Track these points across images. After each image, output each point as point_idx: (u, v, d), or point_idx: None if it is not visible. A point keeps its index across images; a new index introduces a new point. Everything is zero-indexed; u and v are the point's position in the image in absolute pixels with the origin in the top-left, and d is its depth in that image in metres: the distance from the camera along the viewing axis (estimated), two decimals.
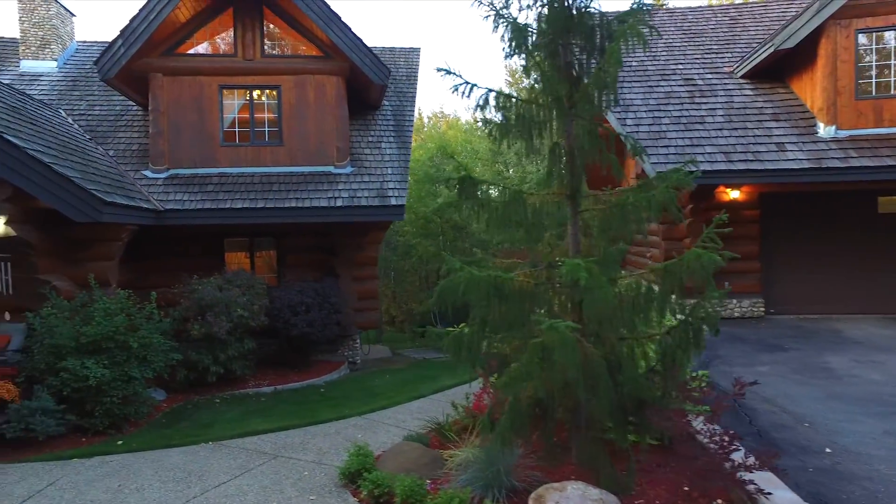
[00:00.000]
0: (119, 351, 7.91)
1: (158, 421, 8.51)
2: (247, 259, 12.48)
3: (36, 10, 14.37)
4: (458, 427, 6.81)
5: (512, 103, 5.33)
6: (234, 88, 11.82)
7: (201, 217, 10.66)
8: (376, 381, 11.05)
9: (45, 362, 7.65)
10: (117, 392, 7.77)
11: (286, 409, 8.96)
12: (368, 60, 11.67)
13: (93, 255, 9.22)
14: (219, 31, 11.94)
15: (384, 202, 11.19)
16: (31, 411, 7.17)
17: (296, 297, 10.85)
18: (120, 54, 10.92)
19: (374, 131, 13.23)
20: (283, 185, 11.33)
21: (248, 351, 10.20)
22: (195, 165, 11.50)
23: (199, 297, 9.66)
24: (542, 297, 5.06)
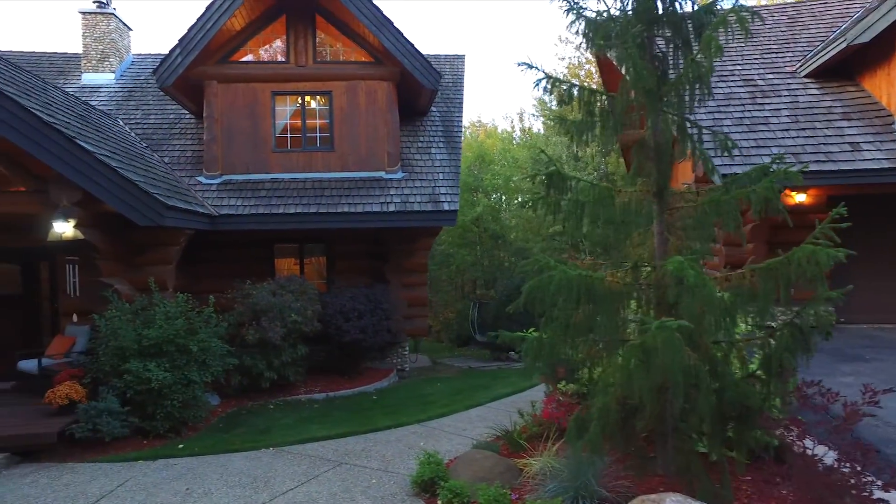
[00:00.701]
0: (179, 354, 7.90)
1: (215, 426, 8.46)
2: (296, 265, 12.47)
3: (97, 26, 14.77)
4: (526, 435, 6.59)
5: (597, 98, 5.12)
6: (287, 94, 11.87)
7: (254, 222, 10.67)
8: (428, 388, 10.87)
9: (109, 364, 7.68)
10: (178, 395, 7.75)
11: (341, 415, 8.84)
12: (419, 65, 11.60)
13: (151, 260, 9.27)
14: (271, 38, 12.02)
15: (437, 207, 11.06)
16: (98, 412, 7.20)
17: (348, 303, 10.76)
18: (177, 63, 11.06)
19: (424, 137, 13.15)
20: (334, 190, 11.29)
21: (300, 357, 10.13)
22: (248, 171, 11.56)
23: (253, 302, 9.64)
24: (629, 298, 4.83)
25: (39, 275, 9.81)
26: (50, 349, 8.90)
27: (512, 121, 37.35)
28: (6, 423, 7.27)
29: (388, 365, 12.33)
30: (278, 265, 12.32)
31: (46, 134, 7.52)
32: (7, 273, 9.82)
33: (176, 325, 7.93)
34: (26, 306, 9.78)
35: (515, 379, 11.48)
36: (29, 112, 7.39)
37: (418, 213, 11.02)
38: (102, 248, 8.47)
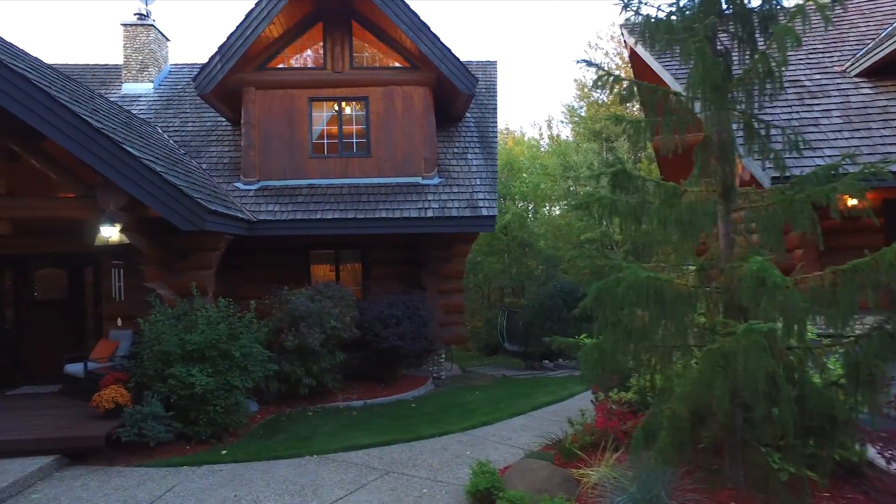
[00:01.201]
0: (221, 359, 7.86)
1: (256, 432, 8.39)
2: (332, 271, 12.44)
3: (137, 37, 15.02)
4: (578, 444, 6.39)
5: (659, 95, 4.95)
6: (323, 101, 11.88)
7: (292, 227, 10.65)
8: (466, 397, 10.69)
9: (153, 368, 7.66)
10: (220, 401, 7.69)
11: (382, 423, 8.71)
12: (456, 70, 11.52)
13: (192, 265, 9.28)
14: (308, 45, 12.06)
15: (475, 213, 10.94)
16: (143, 416, 7.18)
17: (386, 310, 10.66)
18: (216, 70, 11.13)
19: (459, 143, 13.05)
20: (371, 195, 11.23)
21: (339, 364, 10.04)
22: (285, 177, 11.56)
23: (292, 307, 9.58)
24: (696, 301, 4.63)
25: (84, 279, 9.90)
26: (94, 353, 8.94)
27: (540, 128, 37.19)
28: (56, 425, 7.30)
29: (423, 372, 12.20)
30: (314, 271, 12.29)
31: (96, 139, 7.57)
32: (55, 277, 9.94)
33: (219, 331, 7.89)
34: (72, 310, 9.87)
35: (554, 388, 11.27)
36: (80, 118, 7.45)
37: (457, 219, 10.91)
38: (146, 252, 8.50)
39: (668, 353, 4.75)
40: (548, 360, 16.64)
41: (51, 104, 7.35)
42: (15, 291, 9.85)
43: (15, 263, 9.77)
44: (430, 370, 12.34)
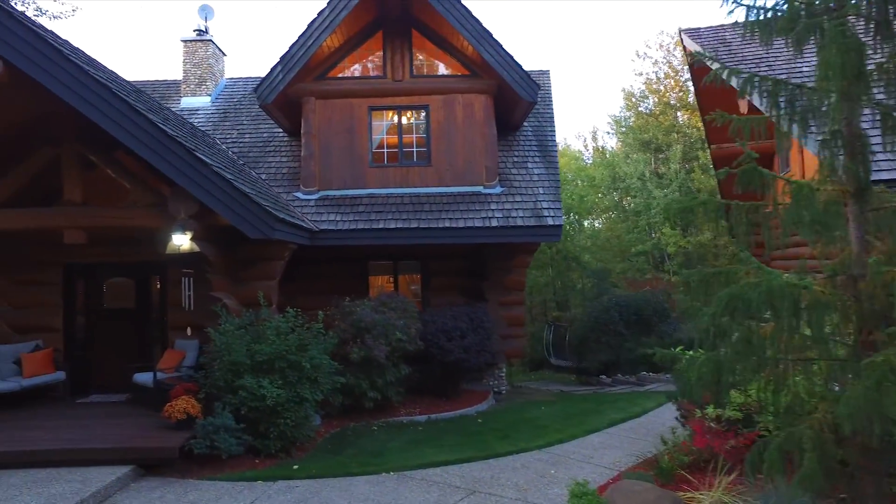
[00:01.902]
0: (291, 371, 7.66)
1: (323, 446, 8.15)
2: (390, 283, 12.23)
3: (196, 52, 15.25)
4: (676, 464, 5.97)
5: (783, 88, 4.58)
6: (383, 109, 11.75)
7: (354, 237, 10.49)
8: (533, 412, 10.31)
9: (223, 379, 7.50)
10: (291, 414, 7.48)
11: (452, 439, 8.39)
12: (518, 77, 11.27)
13: (257, 274, 9.14)
14: (368, 54, 11.97)
15: (540, 222, 10.62)
16: (215, 428, 7.00)
17: (449, 322, 10.38)
18: (278, 80, 11.10)
19: (518, 151, 12.77)
20: (433, 205, 11.01)
21: (403, 377, 9.77)
22: (345, 186, 11.43)
23: (357, 319, 9.36)
24: (833, 309, 4.21)
25: (151, 289, 9.90)
26: (161, 363, 8.87)
27: (584, 140, 36.68)
28: (129, 435, 7.22)
29: (483, 387, 11.85)
30: (371, 282, 12.11)
31: (170, 147, 7.52)
32: (123, 287, 9.97)
33: (288, 341, 7.71)
34: (139, 319, 9.87)
35: (622, 404, 10.80)
36: (157, 126, 7.42)
37: (521, 228, 10.61)
38: (214, 261, 8.40)
39: (799, 365, 4.32)
40: (604, 375, 16.12)
41: (129, 112, 7.32)
42: (86, 300, 9.89)
43: (86, 272, 9.81)
44: (491, 384, 11.99)
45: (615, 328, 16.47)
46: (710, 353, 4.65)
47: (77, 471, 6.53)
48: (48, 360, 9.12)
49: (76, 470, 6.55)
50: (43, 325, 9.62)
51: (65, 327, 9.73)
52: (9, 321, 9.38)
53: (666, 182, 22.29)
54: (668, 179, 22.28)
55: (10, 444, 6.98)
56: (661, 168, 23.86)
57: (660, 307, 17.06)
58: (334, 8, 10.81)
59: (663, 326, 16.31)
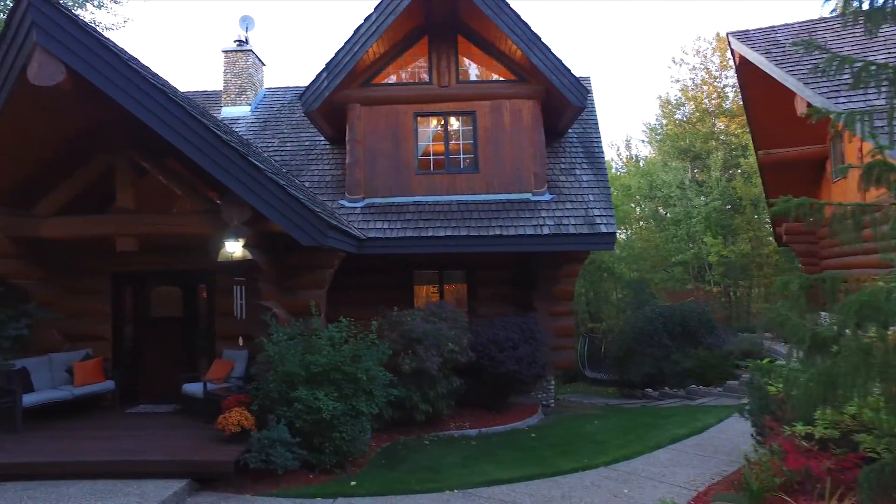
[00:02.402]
0: (346, 383, 7.41)
1: (376, 461, 7.88)
2: (435, 293, 11.97)
3: (237, 63, 15.28)
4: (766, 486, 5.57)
5: None
6: (429, 116, 11.55)
7: (403, 246, 10.26)
8: (586, 426, 9.93)
9: (277, 391, 7.27)
10: (347, 428, 7.22)
11: (509, 455, 8.06)
12: (568, 81, 10.98)
13: (305, 283, 8.94)
14: (413, 60, 11.81)
15: (593, 230, 10.29)
16: (270, 442, 6.77)
17: (500, 333, 10.07)
18: (323, 87, 10.97)
19: (565, 158, 12.47)
20: (481, 212, 10.74)
21: (453, 389, 9.47)
22: (390, 194, 11.22)
23: (408, 329, 9.10)
24: None
25: (198, 298, 9.76)
26: (209, 373, 8.69)
27: (618, 148, 36.20)
28: (183, 447, 7.03)
29: (531, 400, 11.49)
30: (416, 292, 11.85)
31: (224, 152, 7.38)
32: (170, 295, 9.84)
33: (343, 352, 7.47)
34: (185, 329, 9.72)
35: (679, 418, 10.35)
36: (211, 131, 7.29)
37: (574, 236, 10.29)
38: (265, 269, 8.22)
39: None
40: (650, 388, 15.63)
41: (185, 117, 7.21)
42: (133, 309, 9.78)
43: (133, 281, 9.72)
44: (539, 397, 11.63)
45: (660, 340, 16.01)
46: (822, 366, 4.28)
47: (133, 483, 6.36)
48: (98, 368, 9.01)
49: (132, 482, 6.38)
50: (92, 333, 9.53)
51: (113, 336, 9.63)
52: (60, 329, 9.30)
53: (707, 190, 21.74)
54: (709, 187, 21.73)
55: (68, 454, 6.85)
56: (700, 176, 23.31)
57: (705, 318, 16.55)
58: (382, 12, 10.67)
59: (710, 338, 15.79)
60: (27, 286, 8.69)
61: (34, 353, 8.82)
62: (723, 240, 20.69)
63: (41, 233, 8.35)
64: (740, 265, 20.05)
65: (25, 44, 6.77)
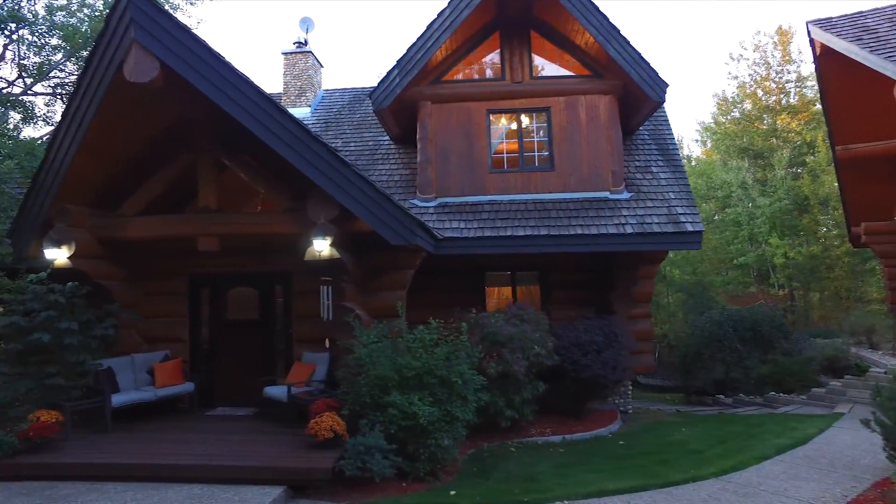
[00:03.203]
0: (440, 387, 7.13)
1: (466, 469, 7.57)
2: (507, 295, 11.63)
3: (296, 64, 15.27)
4: None
5: None
6: (502, 113, 11.25)
7: (482, 246, 9.95)
8: (674, 434, 9.47)
9: (369, 395, 7.02)
10: (442, 434, 6.93)
11: (604, 464, 7.66)
12: (647, 75, 10.55)
13: (386, 284, 8.72)
14: (484, 55, 11.54)
15: (678, 228, 9.84)
16: (366, 448, 6.51)
17: (584, 336, 9.68)
18: (395, 84, 10.76)
19: (639, 155, 12.02)
20: (560, 211, 10.38)
21: (539, 394, 9.11)
22: (463, 193, 10.94)
23: (492, 332, 8.78)
24: None
25: (275, 300, 9.60)
26: (290, 377, 8.51)
27: None
28: (276, 454, 6.82)
29: (608, 405, 11.06)
30: (488, 294, 11.54)
31: (313, 148, 7.21)
32: (245, 297, 9.70)
33: (437, 355, 7.19)
34: (262, 331, 9.56)
35: (773, 427, 9.79)
36: (300, 125, 7.12)
37: (658, 235, 9.85)
38: (352, 270, 8.00)
39: None
40: (722, 395, 15.00)
41: (274, 112, 7.06)
42: (210, 311, 9.67)
43: (210, 283, 9.62)
44: (617, 403, 11.19)
45: (730, 344, 15.39)
46: None
47: (230, 489, 6.19)
48: (178, 370, 8.93)
49: (229, 488, 6.21)
50: (170, 335, 9.47)
51: (190, 338, 9.54)
52: (138, 330, 9.25)
53: (770, 189, 20.91)
54: (773, 186, 20.89)
55: (160, 456, 6.73)
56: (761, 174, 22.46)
57: (778, 322, 15.86)
58: (455, 8, 10.42)
59: (785, 343, 15.10)
60: (111, 287, 8.66)
61: (116, 353, 8.78)
62: (789, 241, 19.84)
63: (126, 233, 8.31)
64: (809, 267, 19.18)
65: (123, 41, 6.72)
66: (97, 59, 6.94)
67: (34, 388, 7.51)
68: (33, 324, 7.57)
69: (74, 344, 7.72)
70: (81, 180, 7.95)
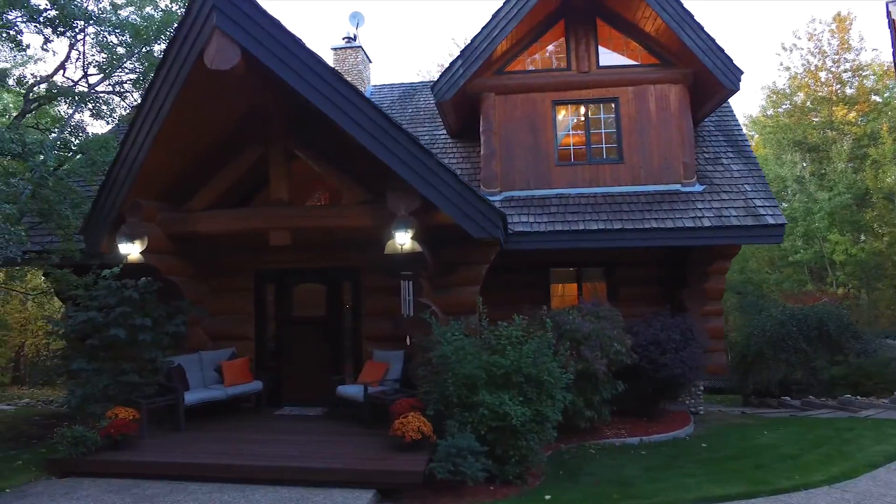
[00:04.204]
0: (529, 386, 6.80)
1: (552, 472, 7.22)
2: (571, 292, 11.26)
3: (346, 60, 15.14)
4: None
5: None
6: (568, 104, 10.90)
7: (553, 240, 9.58)
8: (759, 438, 9.00)
9: (457, 395, 6.72)
10: (534, 435, 6.61)
11: (697, 469, 7.26)
12: (721, 63, 10.10)
13: (460, 280, 8.45)
14: (549, 45, 11.17)
15: (758, 221, 9.38)
16: (458, 451, 6.20)
17: (660, 333, 9.28)
18: (458, 75, 10.47)
19: (707, 147, 11.56)
20: (631, 205, 9.98)
21: (618, 394, 8.74)
22: (528, 187, 10.60)
23: (570, 328, 8.43)
24: None
25: (342, 296, 9.36)
26: (363, 376, 8.27)
27: None
28: (362, 456, 6.56)
29: (678, 406, 10.61)
30: (552, 291, 11.18)
31: (394, 136, 6.96)
32: (312, 293, 9.49)
33: (525, 351, 6.87)
34: (329, 329, 9.33)
35: (865, 431, 9.30)
36: (381, 113, 6.86)
37: (737, 229, 9.40)
38: (431, 264, 7.73)
39: None
40: (787, 397, 14.38)
41: (356, 100, 6.83)
42: (276, 308, 9.47)
43: (276, 279, 9.42)
44: (688, 403, 10.76)
45: (795, 345, 14.74)
46: None
47: (318, 492, 5.97)
48: (246, 368, 8.75)
49: (317, 491, 5.99)
50: (235, 333, 9.31)
51: (256, 336, 9.36)
52: (204, 327, 9.10)
53: (830, 183, 20.14)
54: (832, 180, 20.11)
55: (243, 457, 6.54)
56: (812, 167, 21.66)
57: (845, 322, 15.16)
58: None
59: (857, 344, 14.42)
60: (179, 283, 8.50)
61: (184, 351, 8.63)
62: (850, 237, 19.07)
63: (197, 227, 8.15)
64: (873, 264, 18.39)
65: (204, 28, 6.53)
66: (177, 47, 6.77)
67: (110, 385, 7.37)
68: (108, 319, 7.43)
69: (148, 340, 7.58)
70: (153, 174, 7.81)
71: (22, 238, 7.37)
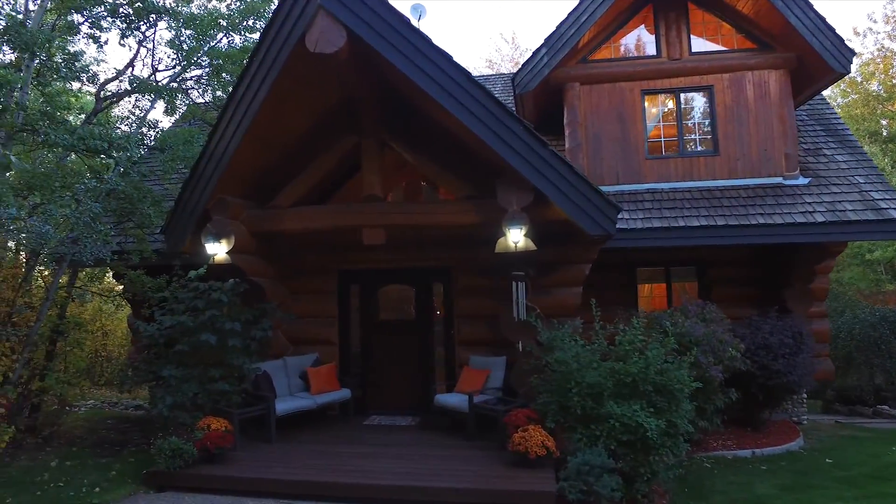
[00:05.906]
0: (658, 395, 6.19)
1: (678, 491, 6.62)
2: (659, 292, 10.59)
3: None
4: None
5: None
6: (659, 93, 10.24)
7: (649, 238, 8.94)
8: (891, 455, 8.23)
9: (581, 406, 6.14)
10: (667, 450, 6.00)
11: (842, 489, 6.63)
12: (830, 44, 9.36)
13: (560, 280, 7.86)
14: (635, 31, 10.53)
15: (880, 216, 8.62)
16: (590, 468, 5.63)
17: (770, 337, 8.58)
18: (542, 64, 9.90)
19: (804, 137, 10.81)
20: (731, 199, 9.31)
21: (730, 402, 8.06)
22: (618, 181, 9.98)
23: (680, 332, 7.78)
24: None
25: (433, 298, 8.82)
26: (462, 384, 7.73)
27: None
28: (482, 474, 6.03)
29: (779, 415, 9.86)
30: (640, 292, 10.53)
31: (507, 124, 6.44)
32: (402, 296, 8.98)
33: (650, 359, 6.26)
34: (419, 333, 8.79)
35: None
36: (494, 99, 6.32)
37: (855, 224, 8.65)
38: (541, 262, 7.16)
39: None
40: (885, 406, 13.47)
41: (468, 85, 6.34)
42: (361, 311, 8.96)
43: (361, 280, 8.92)
44: (792, 412, 10.01)
45: (888, 349, 13.83)
46: None
47: None
48: (333, 375, 8.27)
49: None
50: (317, 337, 8.83)
51: (339, 340, 8.86)
52: (284, 332, 8.65)
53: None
54: None
55: (350, 475, 6.05)
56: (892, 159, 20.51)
57: None
58: None
59: None
60: (263, 284, 8.06)
61: (267, 357, 8.17)
62: None
63: (283, 225, 7.71)
64: None
65: (307, 9, 6.06)
66: (274, 30, 6.31)
67: (199, 393, 6.95)
68: (197, 324, 7.01)
69: (238, 346, 7.14)
70: (240, 170, 7.38)
71: (108, 238, 6.99)
